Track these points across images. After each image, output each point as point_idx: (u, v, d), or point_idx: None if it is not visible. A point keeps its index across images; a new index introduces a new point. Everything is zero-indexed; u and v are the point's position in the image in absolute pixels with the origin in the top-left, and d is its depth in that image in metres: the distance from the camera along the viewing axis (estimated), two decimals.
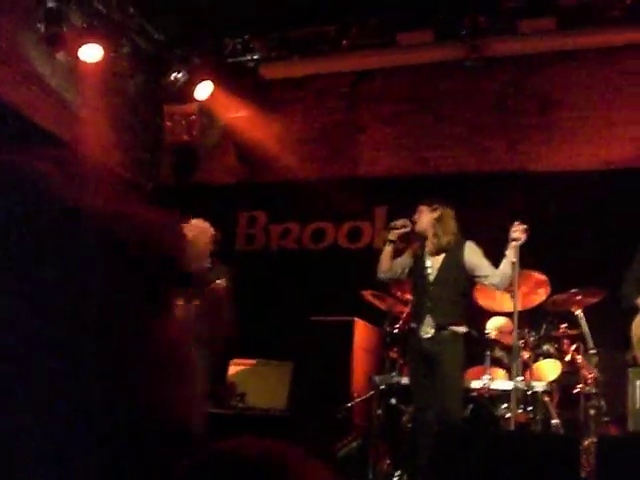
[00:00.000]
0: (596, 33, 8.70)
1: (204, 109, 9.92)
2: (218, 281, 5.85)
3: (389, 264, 6.09)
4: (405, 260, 6.14)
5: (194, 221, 6.41)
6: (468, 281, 6.00)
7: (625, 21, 8.45)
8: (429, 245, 6.01)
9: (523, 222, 5.75)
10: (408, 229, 6.03)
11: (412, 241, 6.15)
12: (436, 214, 6.00)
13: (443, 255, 5.94)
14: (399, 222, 6.03)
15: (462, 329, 5.77)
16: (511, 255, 5.63)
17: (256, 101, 10.02)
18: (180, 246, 0.90)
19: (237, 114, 9.91)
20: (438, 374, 5.66)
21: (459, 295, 5.87)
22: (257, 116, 9.97)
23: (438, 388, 5.62)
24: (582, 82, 9.05)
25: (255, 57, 9.86)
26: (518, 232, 5.64)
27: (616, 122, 8.80)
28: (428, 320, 5.76)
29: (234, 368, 8.28)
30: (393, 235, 6.06)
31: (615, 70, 8.93)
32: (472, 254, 5.90)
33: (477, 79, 9.31)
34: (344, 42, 9.34)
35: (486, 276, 5.82)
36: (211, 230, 6.45)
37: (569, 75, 9.11)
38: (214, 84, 9.64)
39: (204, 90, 9.61)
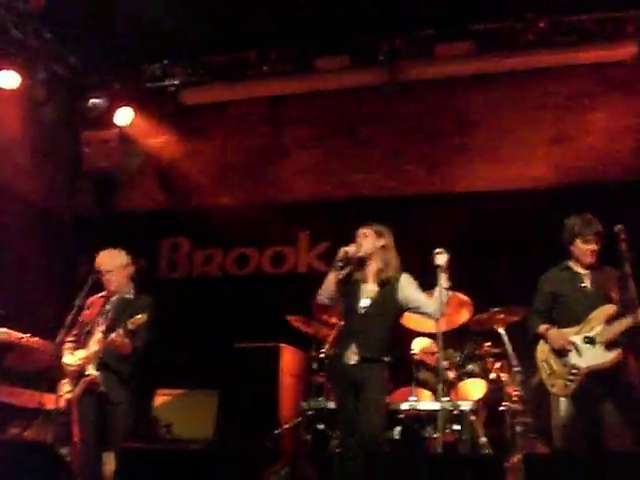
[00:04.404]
0: (512, 56, 8.82)
1: (124, 135, 9.76)
2: (138, 316, 5.72)
3: (334, 289, 5.93)
4: (343, 284, 6.01)
5: (111, 251, 6.30)
6: (399, 314, 5.93)
7: (539, 44, 8.61)
8: (368, 272, 5.89)
9: (443, 245, 5.76)
10: (356, 254, 5.88)
11: (351, 265, 5.98)
12: (382, 242, 5.91)
13: (379, 287, 5.82)
14: (351, 249, 5.86)
15: (386, 358, 5.71)
16: (442, 282, 5.62)
17: (177, 127, 9.93)
18: None
19: (157, 140, 9.79)
20: (362, 399, 5.58)
21: (387, 328, 5.75)
22: (178, 142, 9.88)
23: (363, 413, 5.57)
24: (500, 104, 9.17)
25: (175, 82, 9.75)
26: (440, 258, 5.65)
27: (535, 142, 8.93)
28: (353, 348, 5.68)
29: (159, 399, 8.16)
30: (342, 261, 5.90)
31: (533, 91, 9.07)
32: (407, 287, 5.82)
33: (395, 103, 9.40)
34: (264, 67, 9.35)
35: (420, 307, 5.77)
36: (128, 259, 6.34)
37: (487, 97, 9.22)
38: (134, 110, 9.50)
39: (124, 116, 9.46)
